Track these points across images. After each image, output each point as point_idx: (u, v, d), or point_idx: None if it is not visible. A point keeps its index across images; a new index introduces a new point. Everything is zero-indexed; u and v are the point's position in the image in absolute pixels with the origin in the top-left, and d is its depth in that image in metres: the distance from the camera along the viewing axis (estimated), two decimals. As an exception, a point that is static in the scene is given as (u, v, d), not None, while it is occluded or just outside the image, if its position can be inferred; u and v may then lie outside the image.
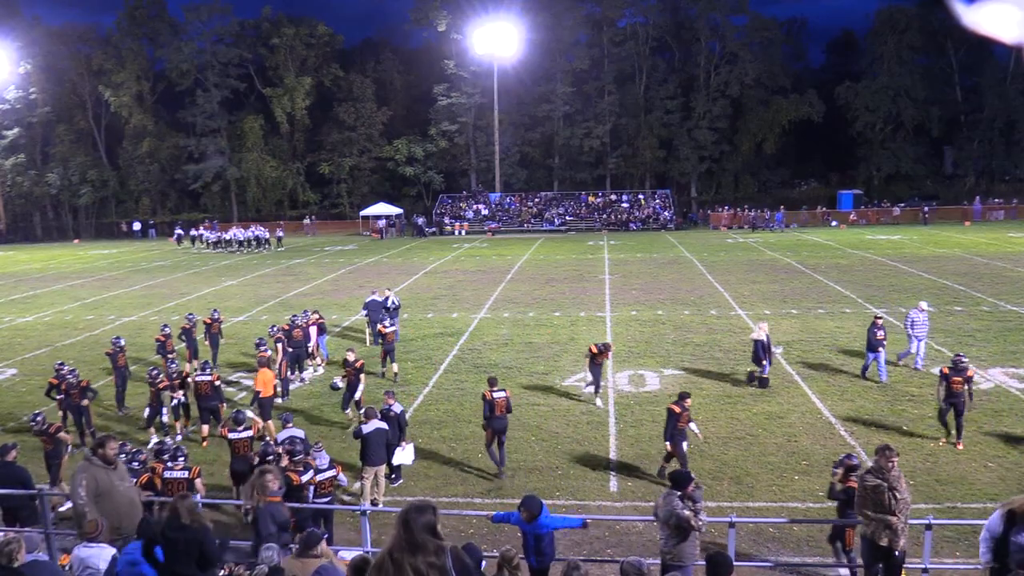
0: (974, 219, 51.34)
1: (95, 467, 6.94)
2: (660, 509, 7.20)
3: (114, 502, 6.87)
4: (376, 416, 10.56)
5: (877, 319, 15.17)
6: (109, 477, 6.94)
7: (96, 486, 6.81)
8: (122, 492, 7.01)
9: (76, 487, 6.82)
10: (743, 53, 63.08)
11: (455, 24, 61.98)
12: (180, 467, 8.97)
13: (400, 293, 27.68)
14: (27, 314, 25.84)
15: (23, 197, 66.95)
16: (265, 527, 7.10)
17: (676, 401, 10.69)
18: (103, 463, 6.98)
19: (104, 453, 6.98)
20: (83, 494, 6.76)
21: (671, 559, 7.21)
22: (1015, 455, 11.25)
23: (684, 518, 6.99)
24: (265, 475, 7.31)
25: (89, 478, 6.83)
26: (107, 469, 6.96)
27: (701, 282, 27.93)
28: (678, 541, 7.13)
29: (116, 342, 15.37)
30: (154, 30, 65.52)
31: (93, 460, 6.99)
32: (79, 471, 6.94)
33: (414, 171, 65.36)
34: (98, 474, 6.89)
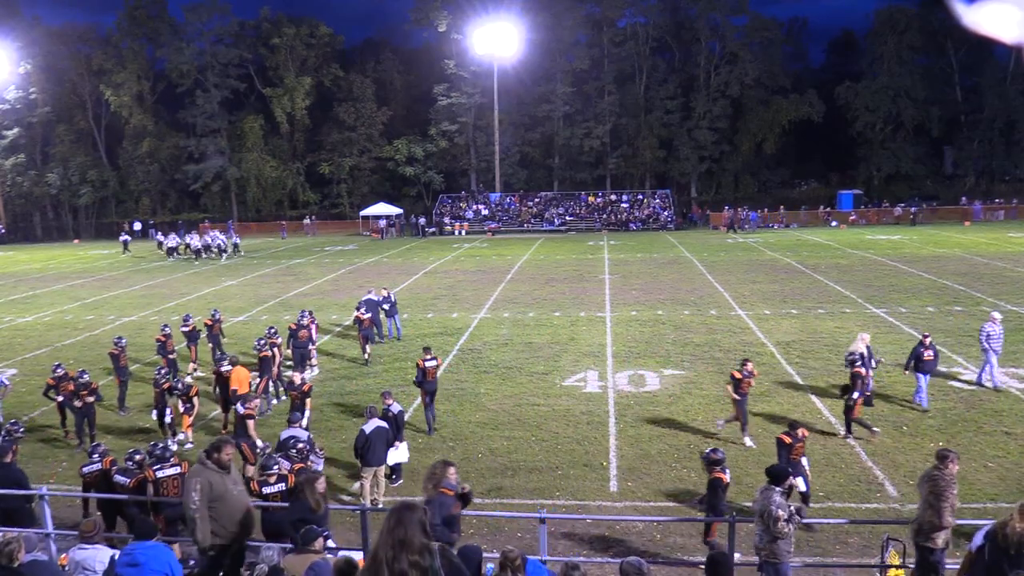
0: (974, 219, 51.32)
1: (209, 471, 6.78)
2: (757, 503, 7.04)
3: (229, 507, 6.74)
4: (376, 415, 10.55)
5: (925, 337, 13.67)
6: (224, 482, 6.80)
7: (211, 491, 6.67)
8: (236, 496, 6.87)
9: (189, 492, 6.67)
10: (743, 53, 63.09)
11: (455, 24, 61.99)
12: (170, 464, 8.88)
13: (400, 293, 27.68)
14: (27, 314, 25.84)
15: (23, 197, 66.96)
16: (433, 517, 7.02)
17: (787, 431, 9.71)
18: (218, 468, 6.82)
19: (219, 458, 6.83)
20: (196, 499, 6.61)
21: (766, 555, 6.99)
22: (1015, 455, 11.25)
23: (774, 517, 6.75)
24: (448, 467, 7.17)
25: (204, 483, 6.67)
26: (221, 474, 6.82)
27: (701, 282, 27.93)
28: (772, 537, 6.88)
29: (118, 342, 15.38)
30: (154, 30, 65.49)
31: (208, 464, 6.82)
32: (192, 475, 6.79)
33: (414, 171, 65.37)
34: (213, 479, 6.74)
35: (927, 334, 14.15)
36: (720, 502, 8.41)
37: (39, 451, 12.80)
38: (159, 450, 9.07)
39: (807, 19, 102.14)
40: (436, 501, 7.02)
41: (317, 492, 7.32)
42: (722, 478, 8.35)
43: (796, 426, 9.73)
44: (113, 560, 6.11)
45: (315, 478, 7.46)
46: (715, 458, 8.45)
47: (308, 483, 7.40)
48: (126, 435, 13.49)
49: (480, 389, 15.41)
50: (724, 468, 8.48)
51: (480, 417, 13.74)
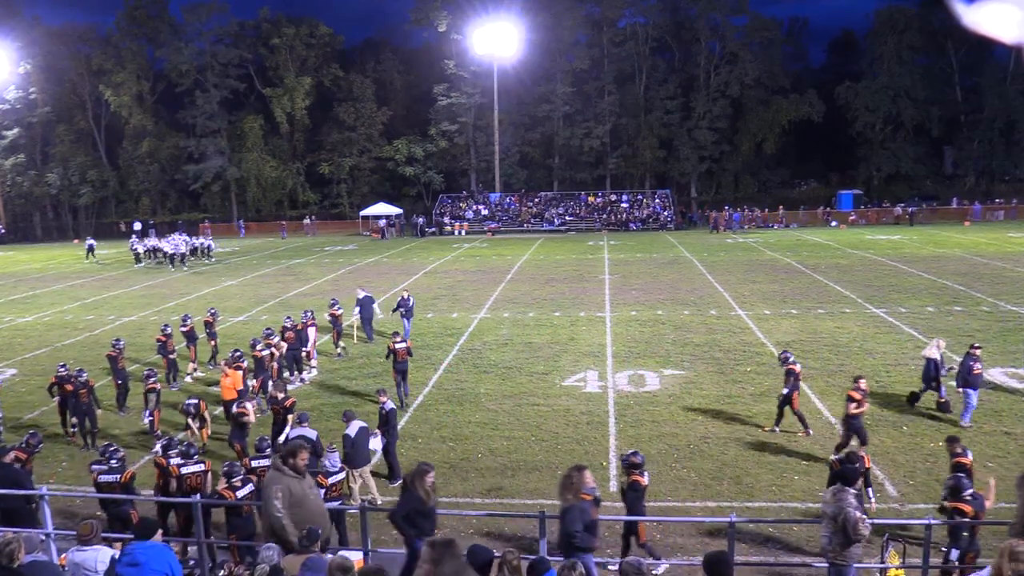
0: (974, 219, 51.34)
1: (288, 477, 6.71)
2: (828, 504, 6.90)
3: (307, 511, 6.71)
4: (355, 417, 10.64)
5: (975, 349, 12.74)
6: (302, 487, 6.78)
7: (291, 496, 6.64)
8: (313, 500, 6.85)
9: (272, 499, 6.61)
10: (743, 53, 63.10)
11: (455, 24, 61.99)
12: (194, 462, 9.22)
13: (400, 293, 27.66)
14: (27, 314, 25.84)
15: (23, 197, 66.99)
16: (572, 524, 6.89)
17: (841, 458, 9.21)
18: (295, 473, 6.77)
19: (295, 463, 6.77)
20: (280, 506, 6.56)
21: (833, 557, 6.86)
22: (1015, 455, 11.24)
23: (852, 520, 6.60)
24: (584, 472, 7.06)
25: (284, 489, 6.63)
26: (299, 479, 6.77)
27: (701, 282, 27.93)
28: (846, 540, 6.72)
29: (116, 344, 15.37)
30: (154, 30, 65.53)
31: (285, 470, 6.74)
32: (272, 482, 6.72)
33: (414, 171, 65.38)
34: (292, 484, 6.69)
35: (977, 345, 13.05)
36: (640, 504, 8.51)
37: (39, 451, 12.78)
38: (184, 447, 9.37)
39: (807, 19, 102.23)
40: (576, 508, 6.89)
41: (426, 484, 7.29)
42: (640, 481, 8.45)
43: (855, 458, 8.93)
44: (113, 560, 6.11)
45: (425, 471, 7.39)
46: (635, 462, 8.54)
47: (418, 476, 7.34)
48: (126, 435, 13.48)
49: (480, 389, 15.41)
50: (643, 472, 8.57)
51: (480, 417, 13.74)
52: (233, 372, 13.21)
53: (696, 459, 11.49)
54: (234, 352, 14.45)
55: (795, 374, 12.47)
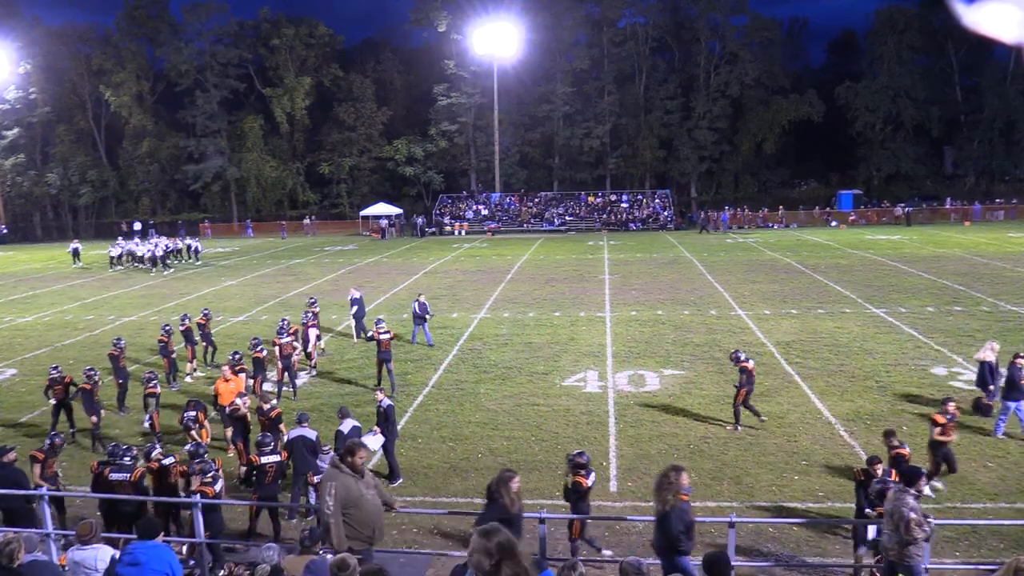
0: (974, 219, 51.36)
1: (345, 476, 6.61)
2: (889, 502, 6.92)
3: (364, 511, 6.61)
4: (349, 415, 10.66)
5: (1019, 358, 11.90)
6: (358, 487, 6.65)
7: (346, 495, 6.53)
8: (370, 500, 6.71)
9: (324, 496, 6.51)
10: (743, 53, 63.09)
11: (455, 24, 61.99)
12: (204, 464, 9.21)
13: (400, 293, 27.73)
14: (27, 314, 25.84)
15: (23, 197, 66.97)
16: (675, 527, 6.70)
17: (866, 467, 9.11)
18: (352, 472, 6.65)
19: (353, 462, 6.65)
20: (331, 504, 6.46)
21: (894, 556, 6.82)
22: (1015, 455, 11.25)
23: (905, 520, 6.58)
24: (681, 472, 6.85)
25: (339, 487, 6.53)
26: (356, 478, 6.65)
27: (701, 282, 27.93)
28: (903, 540, 6.69)
29: (117, 343, 15.40)
30: (154, 30, 65.51)
31: (343, 468, 6.63)
32: (327, 479, 6.63)
33: (414, 171, 65.38)
34: (348, 483, 6.58)
35: (1021, 354, 12.08)
36: (583, 503, 8.55)
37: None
38: (191, 447, 9.45)
39: (807, 19, 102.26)
40: (678, 510, 6.72)
41: (512, 491, 7.06)
42: (583, 482, 8.46)
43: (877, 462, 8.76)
44: (114, 559, 6.11)
45: (509, 477, 7.13)
46: (579, 462, 8.58)
47: (502, 483, 7.10)
48: (126, 435, 13.48)
49: (480, 389, 15.41)
50: (588, 472, 8.60)
51: (480, 417, 13.74)
52: (236, 378, 13.00)
53: (696, 459, 11.50)
54: (233, 354, 14.47)
55: (748, 372, 12.68)
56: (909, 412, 13.18)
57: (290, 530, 9.77)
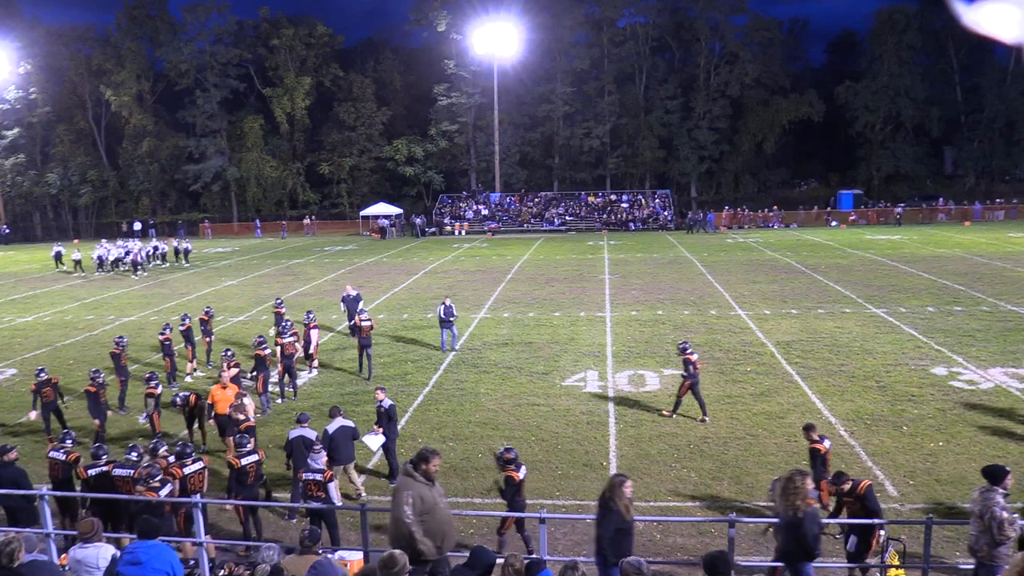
0: (974, 219, 51.38)
1: (419, 484, 6.56)
2: (976, 503, 6.84)
3: (437, 519, 6.56)
4: (340, 414, 10.70)
5: None
6: (432, 494, 6.60)
7: (422, 504, 6.48)
8: (442, 508, 6.67)
9: (403, 505, 6.43)
10: (743, 53, 63.12)
11: (455, 24, 62.00)
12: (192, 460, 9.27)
13: (400, 293, 27.72)
14: (27, 314, 25.84)
15: (23, 197, 66.96)
16: (810, 532, 6.59)
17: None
18: (425, 480, 6.60)
19: (427, 469, 6.59)
20: (411, 513, 6.40)
21: (983, 557, 6.74)
22: (1015, 455, 11.25)
23: (998, 520, 6.47)
24: (806, 477, 6.74)
25: (416, 496, 6.47)
26: (429, 486, 6.61)
27: (701, 282, 27.93)
28: (990, 540, 6.60)
29: (119, 341, 15.42)
30: (153, 30, 65.51)
31: (416, 476, 6.58)
32: (403, 488, 6.55)
33: (414, 171, 65.38)
34: (423, 492, 6.53)
35: None
36: (519, 497, 8.70)
37: (38, 451, 12.79)
38: (179, 447, 9.38)
39: (807, 19, 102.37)
40: (810, 515, 6.58)
41: (625, 497, 6.88)
42: (514, 476, 8.63)
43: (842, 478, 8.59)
44: (114, 558, 6.11)
45: (620, 482, 6.94)
46: (508, 457, 8.73)
47: (614, 488, 6.88)
48: (126, 434, 13.48)
49: (480, 389, 15.41)
50: (517, 466, 8.75)
51: (480, 417, 13.74)
52: (233, 385, 12.68)
53: (696, 459, 11.49)
54: (225, 351, 14.47)
55: (692, 363, 13.07)
56: (909, 412, 13.18)
57: (290, 530, 9.77)
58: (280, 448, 11.36)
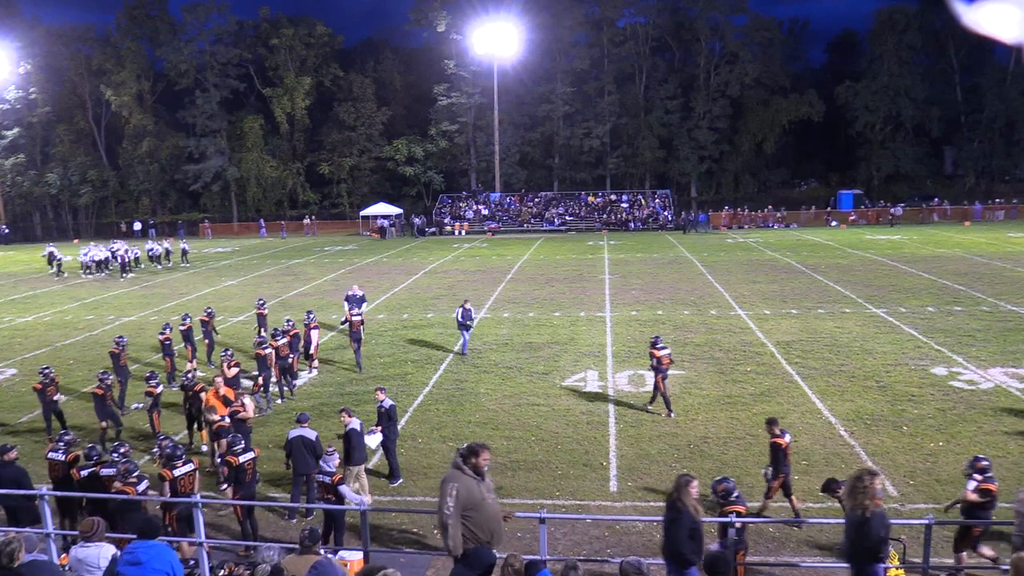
0: (974, 219, 51.39)
1: (466, 477, 6.43)
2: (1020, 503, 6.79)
3: (484, 515, 6.42)
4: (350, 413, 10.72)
5: None
6: (480, 489, 6.46)
7: (468, 498, 6.34)
8: (490, 504, 6.54)
9: (444, 497, 6.30)
10: (743, 53, 63.12)
11: (455, 24, 61.99)
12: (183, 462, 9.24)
13: (400, 293, 27.73)
14: (27, 314, 25.84)
15: (23, 197, 66.95)
16: (877, 533, 6.47)
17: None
18: (474, 473, 6.47)
19: (476, 463, 6.46)
20: (451, 505, 6.25)
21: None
22: (1015, 455, 11.25)
23: None
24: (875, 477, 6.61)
25: (462, 489, 6.33)
26: (478, 480, 6.48)
27: (701, 282, 27.93)
28: None
29: (119, 341, 15.43)
30: (153, 29, 65.47)
31: (465, 470, 6.45)
32: (449, 480, 6.40)
33: (414, 171, 65.37)
34: (471, 485, 6.40)
35: None
36: None
37: (38, 451, 12.80)
38: (170, 449, 9.33)
39: (807, 19, 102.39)
40: (878, 515, 6.49)
41: (692, 497, 6.79)
42: None
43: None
44: (115, 558, 6.11)
45: (687, 482, 6.84)
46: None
47: (681, 489, 6.80)
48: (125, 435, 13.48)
49: (480, 389, 15.41)
50: None
51: (480, 417, 13.74)
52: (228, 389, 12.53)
53: (696, 459, 11.49)
54: (225, 351, 14.48)
55: (658, 358, 13.49)
56: (909, 412, 13.19)
57: (290, 530, 9.78)
58: (280, 448, 11.36)
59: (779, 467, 9.49)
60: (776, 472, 9.49)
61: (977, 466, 8.27)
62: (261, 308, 19.82)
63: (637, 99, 65.44)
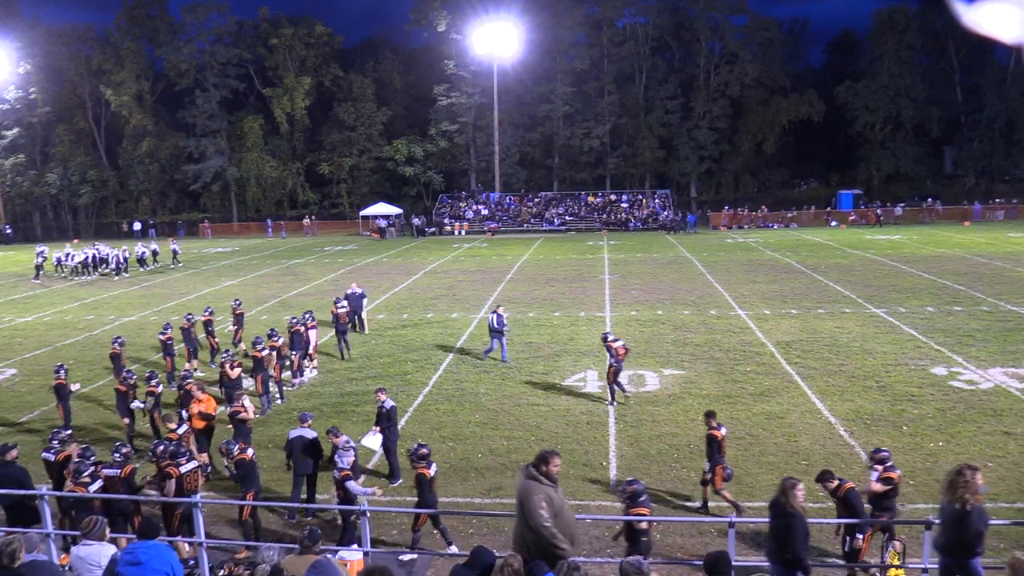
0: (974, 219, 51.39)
1: (545, 486, 6.42)
2: None
3: (564, 521, 6.44)
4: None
5: None
6: (558, 495, 6.50)
7: (551, 506, 6.34)
8: (567, 510, 6.59)
9: (537, 509, 6.29)
10: (743, 53, 63.14)
11: (455, 24, 62.00)
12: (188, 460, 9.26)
13: (400, 293, 27.73)
14: (27, 314, 25.84)
15: (23, 197, 66.94)
16: (976, 527, 6.49)
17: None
18: (549, 481, 6.47)
19: (548, 470, 6.47)
20: (546, 515, 6.26)
21: None
22: (1015, 455, 11.25)
23: None
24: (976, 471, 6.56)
25: (547, 499, 6.34)
26: (553, 487, 6.49)
27: (701, 282, 27.93)
28: None
29: (119, 341, 15.43)
30: (153, 29, 65.50)
31: (540, 479, 6.44)
32: (533, 492, 6.40)
33: (414, 171, 65.38)
34: (551, 493, 6.41)
35: None
36: (429, 494, 8.88)
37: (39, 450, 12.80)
38: (173, 446, 9.37)
39: (807, 19, 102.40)
40: (978, 510, 6.47)
41: (798, 500, 6.73)
42: (425, 473, 8.84)
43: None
44: (114, 558, 6.11)
45: (793, 485, 6.83)
46: (422, 454, 8.98)
47: (789, 491, 6.78)
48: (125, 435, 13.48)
49: (480, 389, 15.41)
50: (429, 463, 8.94)
51: (480, 417, 13.74)
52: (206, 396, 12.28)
53: (696, 459, 11.48)
54: (226, 352, 14.48)
55: (613, 351, 13.91)
56: (909, 412, 13.18)
57: (290, 529, 9.77)
58: (280, 448, 11.35)
59: (715, 459, 9.81)
60: (712, 463, 9.82)
61: (876, 457, 8.57)
62: (237, 308, 19.85)
63: (637, 99, 65.45)
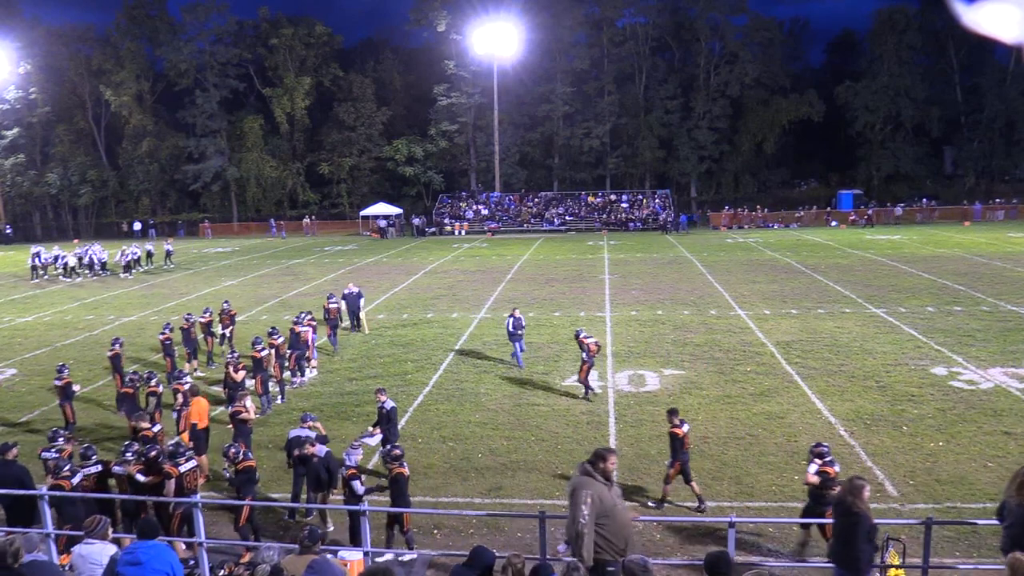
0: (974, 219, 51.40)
1: (598, 484, 6.30)
2: None
3: (617, 522, 6.30)
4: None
5: None
6: (611, 495, 6.35)
7: (601, 505, 6.22)
8: (621, 511, 6.42)
9: (580, 504, 6.17)
10: (743, 53, 63.13)
11: (455, 24, 61.99)
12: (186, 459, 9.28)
13: (400, 293, 27.73)
14: (27, 314, 25.84)
15: (23, 197, 66.93)
16: None
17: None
18: (604, 480, 6.35)
19: (605, 468, 6.34)
20: (587, 513, 6.11)
21: None
22: (1015, 455, 11.24)
23: None
24: None
25: (595, 496, 6.21)
26: (608, 486, 6.37)
27: (701, 282, 27.93)
28: None
29: (116, 342, 15.43)
30: (153, 29, 65.45)
31: (596, 476, 6.31)
32: (583, 487, 6.27)
33: (414, 171, 65.37)
34: (603, 492, 6.28)
35: None
36: (404, 495, 8.96)
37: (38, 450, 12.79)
38: (171, 446, 9.42)
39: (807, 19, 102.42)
40: None
41: (865, 500, 6.63)
42: (403, 472, 8.93)
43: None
44: (114, 558, 6.11)
45: (861, 486, 6.72)
46: (395, 454, 9.06)
47: (857, 492, 6.68)
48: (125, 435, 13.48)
49: (480, 389, 15.41)
50: (403, 463, 9.00)
51: (480, 417, 13.74)
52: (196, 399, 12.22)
53: (696, 459, 11.47)
54: (231, 354, 14.48)
55: (586, 347, 14.33)
56: (909, 412, 13.18)
57: (291, 529, 9.77)
58: (280, 449, 11.36)
59: (676, 455, 9.95)
60: (673, 459, 9.97)
61: (816, 451, 8.79)
62: (228, 309, 19.62)
63: (637, 99, 65.44)
